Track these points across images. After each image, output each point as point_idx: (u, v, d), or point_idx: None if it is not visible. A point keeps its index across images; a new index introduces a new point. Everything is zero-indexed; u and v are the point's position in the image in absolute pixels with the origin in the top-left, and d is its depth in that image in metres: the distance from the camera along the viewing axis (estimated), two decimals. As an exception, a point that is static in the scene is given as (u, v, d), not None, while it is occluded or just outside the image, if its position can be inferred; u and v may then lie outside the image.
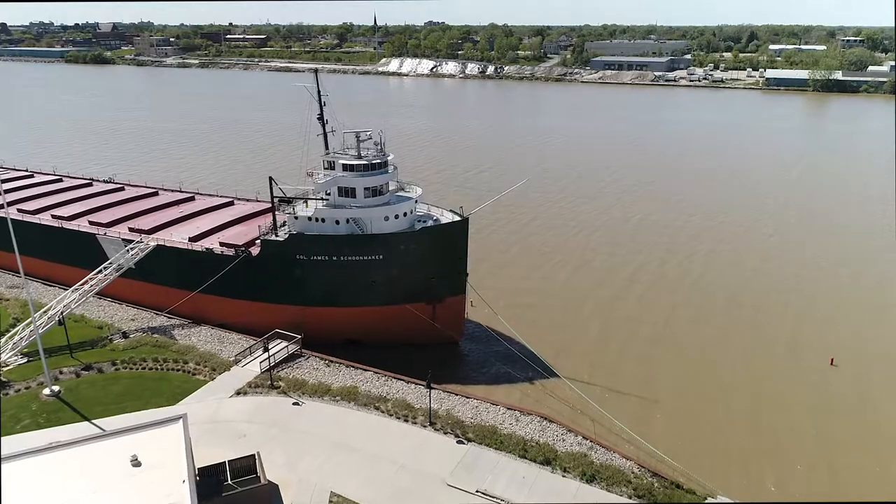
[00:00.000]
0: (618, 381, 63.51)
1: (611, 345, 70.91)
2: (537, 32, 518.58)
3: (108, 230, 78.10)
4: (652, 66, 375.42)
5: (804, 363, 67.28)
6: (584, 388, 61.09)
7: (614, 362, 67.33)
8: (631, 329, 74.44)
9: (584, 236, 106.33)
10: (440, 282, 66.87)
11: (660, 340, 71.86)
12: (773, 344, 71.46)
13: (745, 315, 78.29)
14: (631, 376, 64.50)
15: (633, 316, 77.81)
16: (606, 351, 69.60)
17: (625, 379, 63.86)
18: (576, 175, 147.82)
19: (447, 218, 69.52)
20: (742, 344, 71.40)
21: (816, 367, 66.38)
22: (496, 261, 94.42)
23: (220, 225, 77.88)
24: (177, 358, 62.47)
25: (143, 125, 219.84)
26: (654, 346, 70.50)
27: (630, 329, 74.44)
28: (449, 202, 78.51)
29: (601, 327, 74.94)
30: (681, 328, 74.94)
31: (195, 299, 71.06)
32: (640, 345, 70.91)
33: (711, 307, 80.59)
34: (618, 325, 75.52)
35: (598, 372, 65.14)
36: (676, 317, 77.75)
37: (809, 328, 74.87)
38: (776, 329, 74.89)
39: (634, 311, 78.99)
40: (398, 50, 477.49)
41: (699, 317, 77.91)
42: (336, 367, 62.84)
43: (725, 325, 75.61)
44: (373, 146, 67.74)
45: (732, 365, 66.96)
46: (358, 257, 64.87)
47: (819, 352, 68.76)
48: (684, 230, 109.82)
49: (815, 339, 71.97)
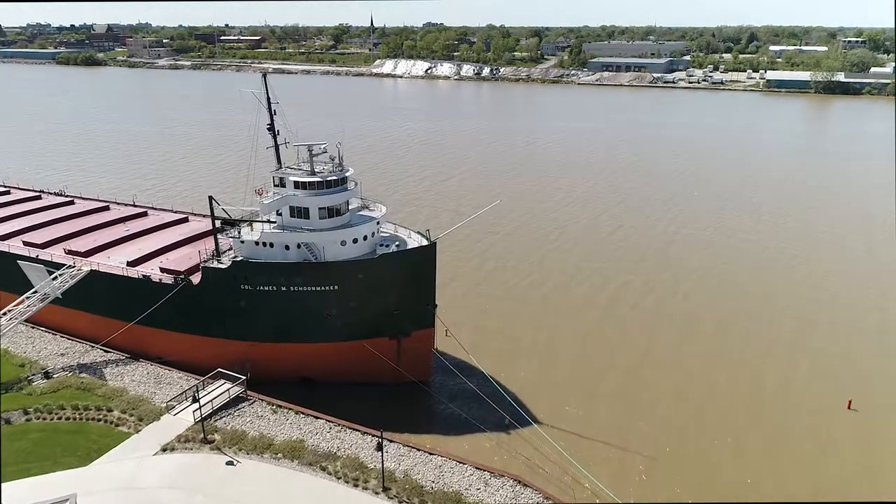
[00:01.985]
0: (600, 427, 55.84)
1: (594, 382, 63.06)
2: (535, 33, 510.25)
3: (41, 251, 70.36)
4: (650, 68, 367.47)
5: (817, 404, 59.44)
6: (563, 437, 53.40)
7: (599, 403, 59.53)
8: (614, 361, 66.64)
9: (566, 251, 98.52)
10: (405, 314, 59.05)
11: (650, 376, 64.04)
12: (783, 380, 63.63)
13: (747, 344, 70.47)
14: (618, 422, 56.72)
15: (616, 345, 69.98)
16: (588, 389, 61.74)
17: (609, 426, 56.11)
18: (559, 179, 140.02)
19: (414, 241, 61.67)
20: (744, 379, 63.59)
21: (831, 410, 58.58)
22: (467, 280, 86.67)
23: (167, 246, 70.06)
24: (101, 405, 54.56)
25: (112, 129, 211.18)
26: (643, 383, 62.67)
27: (613, 361, 66.64)
28: (425, 216, 70.59)
29: (581, 359, 67.12)
30: (671, 359, 67.13)
31: (133, 331, 63.31)
32: (627, 381, 63.06)
33: (705, 334, 72.80)
34: (601, 355, 67.69)
35: (580, 416, 57.36)
36: (666, 347, 69.92)
37: (826, 363, 66.81)
38: (786, 362, 67.07)
39: (617, 339, 71.19)
40: (394, 51, 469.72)
41: (691, 347, 70.05)
42: (284, 413, 54.99)
43: (723, 358, 67.76)
44: (329, 161, 59.97)
45: (732, 407, 59.15)
46: (310, 288, 56.99)
47: (835, 391, 60.90)
48: (680, 246, 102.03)
49: (831, 377, 64.02)
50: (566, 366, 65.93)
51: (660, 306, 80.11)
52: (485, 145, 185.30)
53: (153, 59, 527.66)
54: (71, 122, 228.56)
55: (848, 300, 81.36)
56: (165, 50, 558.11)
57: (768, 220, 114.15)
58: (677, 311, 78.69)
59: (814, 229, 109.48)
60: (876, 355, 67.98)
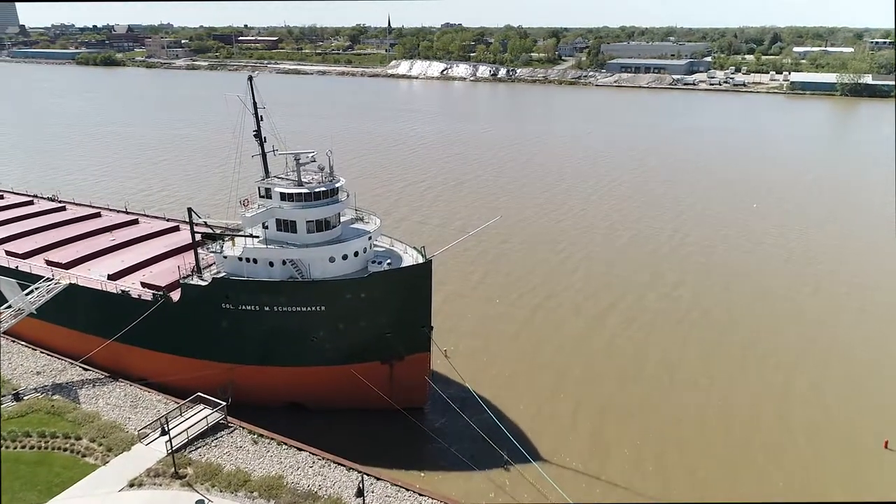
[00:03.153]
0: (608, 468, 50.96)
1: (602, 414, 58.12)
2: (553, 34, 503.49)
3: (21, 262, 67.11)
4: (670, 69, 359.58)
5: (850, 443, 53.98)
6: (567, 479, 48.67)
7: (607, 439, 54.60)
8: (624, 389, 61.65)
9: (574, 262, 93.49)
10: (398, 337, 54.59)
11: (662, 407, 59.00)
12: (811, 414, 58.22)
13: (771, 372, 65.08)
14: (627, 463, 51.79)
15: (627, 372, 64.93)
16: (596, 424, 56.84)
17: (617, 467, 51.20)
18: (566, 186, 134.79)
19: (410, 256, 57.25)
20: (768, 414, 58.28)
21: (866, 450, 53.11)
22: (466, 296, 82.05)
23: (151, 258, 66.38)
24: (69, 431, 50.81)
25: (118, 131, 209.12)
26: (654, 417, 57.64)
27: (623, 389, 61.64)
28: (426, 225, 66.10)
29: (589, 386, 62.17)
30: (685, 385, 62.00)
31: (112, 348, 59.73)
32: (637, 415, 58.02)
33: (726, 358, 67.45)
34: (610, 383, 62.71)
35: (585, 454, 52.53)
36: (680, 372, 64.78)
37: (859, 396, 61.15)
38: (814, 393, 61.61)
39: (628, 365, 66.12)
40: (410, 52, 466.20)
41: (710, 372, 64.77)
42: (264, 444, 50.83)
43: (745, 388, 62.43)
44: (318, 170, 55.74)
45: (755, 445, 53.90)
46: (295, 308, 52.75)
47: (870, 429, 55.35)
48: (697, 256, 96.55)
49: (865, 411, 58.41)
50: (572, 395, 61.00)
51: (676, 324, 74.90)
52: (496, 149, 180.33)
53: (171, 60, 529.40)
54: (76, 123, 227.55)
55: (887, 328, 75.16)
56: (183, 50, 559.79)
57: (796, 230, 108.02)
58: (694, 332, 73.39)
59: (849, 244, 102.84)
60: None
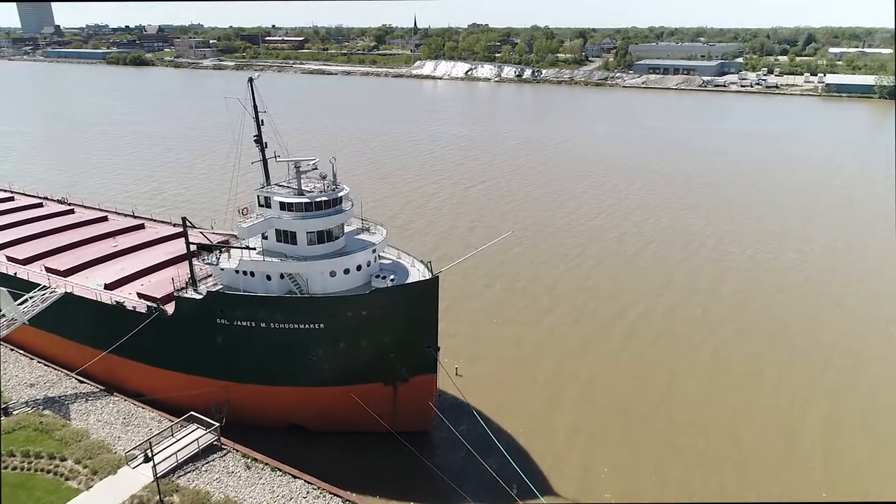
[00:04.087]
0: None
1: (615, 441, 54.05)
2: (580, 34, 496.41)
3: (20, 268, 65.37)
4: (700, 70, 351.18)
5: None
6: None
7: (633, 478, 50.52)
8: (648, 421, 57.39)
9: (593, 273, 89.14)
10: (402, 358, 51.11)
11: (670, 436, 54.64)
12: (826, 456, 53.37)
13: (787, 400, 60.25)
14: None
15: (658, 402, 60.64)
16: (611, 452, 52.79)
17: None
18: (582, 191, 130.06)
19: (417, 270, 53.77)
20: (776, 446, 53.59)
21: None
22: (477, 307, 78.33)
23: (151, 266, 63.90)
24: (55, 451, 48.31)
25: (142, 130, 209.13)
26: (661, 446, 53.35)
27: (648, 420, 57.39)
28: (438, 233, 62.58)
29: (606, 412, 58.06)
30: (690, 410, 57.52)
31: (108, 361, 57.38)
32: (654, 446, 53.80)
33: (736, 379, 62.72)
34: (625, 407, 58.54)
35: (598, 487, 48.53)
36: (685, 396, 60.25)
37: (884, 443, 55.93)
38: (829, 428, 56.69)
39: (658, 394, 61.81)
40: (435, 52, 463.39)
41: (716, 396, 60.15)
42: (258, 470, 47.77)
43: (754, 412, 57.71)
44: (319, 179, 52.56)
45: (766, 482, 49.31)
46: (292, 325, 49.62)
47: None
48: (723, 273, 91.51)
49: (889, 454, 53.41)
50: (588, 423, 56.96)
51: (684, 343, 70.38)
52: (514, 152, 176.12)
53: (198, 60, 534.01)
54: (93, 123, 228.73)
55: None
56: (211, 50, 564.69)
57: (822, 246, 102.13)
58: (702, 352, 68.69)
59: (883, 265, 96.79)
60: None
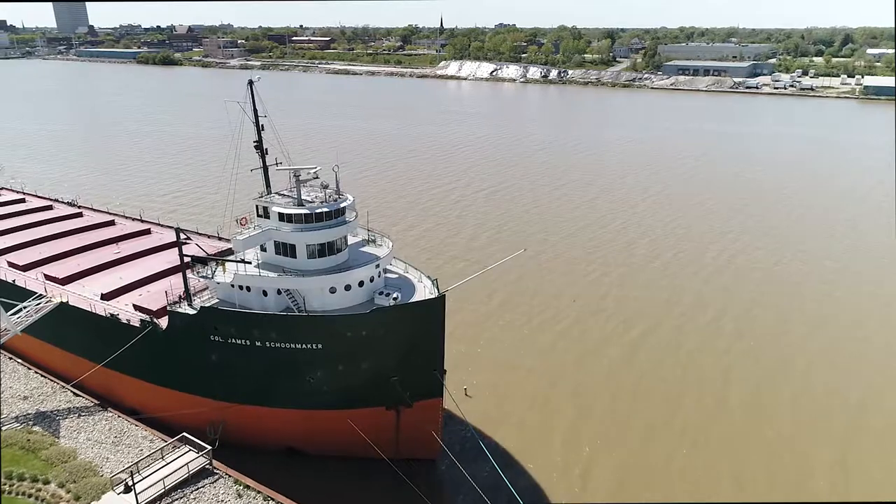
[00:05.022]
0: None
1: (637, 479, 49.97)
2: (608, 35, 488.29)
3: (18, 275, 63.55)
4: (731, 72, 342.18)
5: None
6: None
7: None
8: (675, 457, 53.21)
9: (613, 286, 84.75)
10: (405, 382, 47.69)
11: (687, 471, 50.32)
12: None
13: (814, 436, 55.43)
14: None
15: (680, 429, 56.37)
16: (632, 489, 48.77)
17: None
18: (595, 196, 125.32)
19: (425, 287, 50.39)
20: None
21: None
22: (488, 322, 74.55)
23: (152, 275, 61.37)
24: (38, 474, 45.89)
25: (161, 130, 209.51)
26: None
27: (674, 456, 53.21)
28: (449, 243, 59.08)
29: (627, 444, 54.00)
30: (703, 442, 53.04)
31: (103, 374, 55.10)
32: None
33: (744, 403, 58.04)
34: (663, 440, 54.39)
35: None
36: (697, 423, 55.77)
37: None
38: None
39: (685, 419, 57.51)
40: (460, 52, 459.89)
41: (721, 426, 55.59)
42: (250, 498, 44.82)
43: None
44: (320, 188, 49.45)
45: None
46: (288, 344, 46.54)
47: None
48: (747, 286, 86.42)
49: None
50: (614, 458, 53.00)
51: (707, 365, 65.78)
52: (533, 156, 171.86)
53: (226, 60, 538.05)
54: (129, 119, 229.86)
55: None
56: (238, 50, 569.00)
57: (856, 261, 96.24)
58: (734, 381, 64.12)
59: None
60: None
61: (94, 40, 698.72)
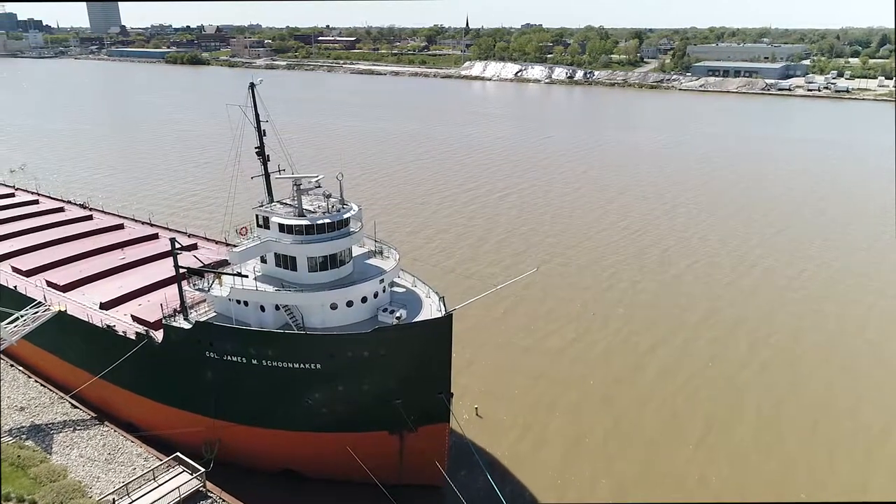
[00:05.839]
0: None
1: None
2: (636, 35, 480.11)
3: (20, 280, 62.06)
4: (763, 73, 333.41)
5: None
6: None
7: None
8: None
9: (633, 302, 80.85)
10: (409, 405, 44.77)
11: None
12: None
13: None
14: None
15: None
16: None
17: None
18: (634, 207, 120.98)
19: (433, 303, 47.42)
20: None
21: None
22: (501, 336, 71.23)
23: (153, 284, 59.28)
24: (25, 493, 43.94)
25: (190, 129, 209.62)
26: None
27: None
28: (463, 251, 56.07)
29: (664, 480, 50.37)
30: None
31: (100, 386, 53.28)
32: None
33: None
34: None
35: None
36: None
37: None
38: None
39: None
40: (485, 52, 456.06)
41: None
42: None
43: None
44: (323, 198, 46.79)
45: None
46: (285, 364, 43.94)
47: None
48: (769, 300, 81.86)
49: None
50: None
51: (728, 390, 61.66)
52: (556, 159, 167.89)
53: (252, 59, 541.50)
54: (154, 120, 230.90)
55: None
56: (265, 50, 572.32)
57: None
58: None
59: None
60: None
61: (125, 40, 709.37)
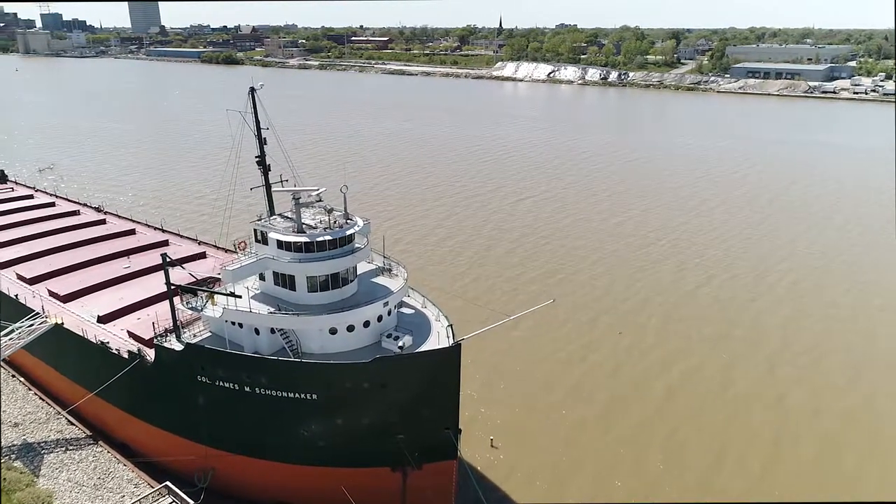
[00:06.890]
0: None
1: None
2: (673, 35, 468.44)
3: (22, 288, 60.24)
4: (806, 75, 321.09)
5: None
6: None
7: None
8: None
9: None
10: (412, 441, 41.06)
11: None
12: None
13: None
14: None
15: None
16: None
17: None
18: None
19: (442, 327, 43.62)
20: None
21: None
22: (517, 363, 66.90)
23: (154, 296, 56.47)
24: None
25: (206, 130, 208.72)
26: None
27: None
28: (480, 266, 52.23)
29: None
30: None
31: (95, 404, 51.03)
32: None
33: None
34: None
35: None
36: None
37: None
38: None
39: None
40: (518, 53, 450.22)
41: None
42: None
43: None
44: (325, 212, 43.33)
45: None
46: (279, 393, 40.60)
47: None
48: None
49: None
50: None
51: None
52: (583, 166, 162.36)
53: (285, 59, 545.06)
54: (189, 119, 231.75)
55: None
56: (298, 50, 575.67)
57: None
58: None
59: None
60: None
61: (163, 40, 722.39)
